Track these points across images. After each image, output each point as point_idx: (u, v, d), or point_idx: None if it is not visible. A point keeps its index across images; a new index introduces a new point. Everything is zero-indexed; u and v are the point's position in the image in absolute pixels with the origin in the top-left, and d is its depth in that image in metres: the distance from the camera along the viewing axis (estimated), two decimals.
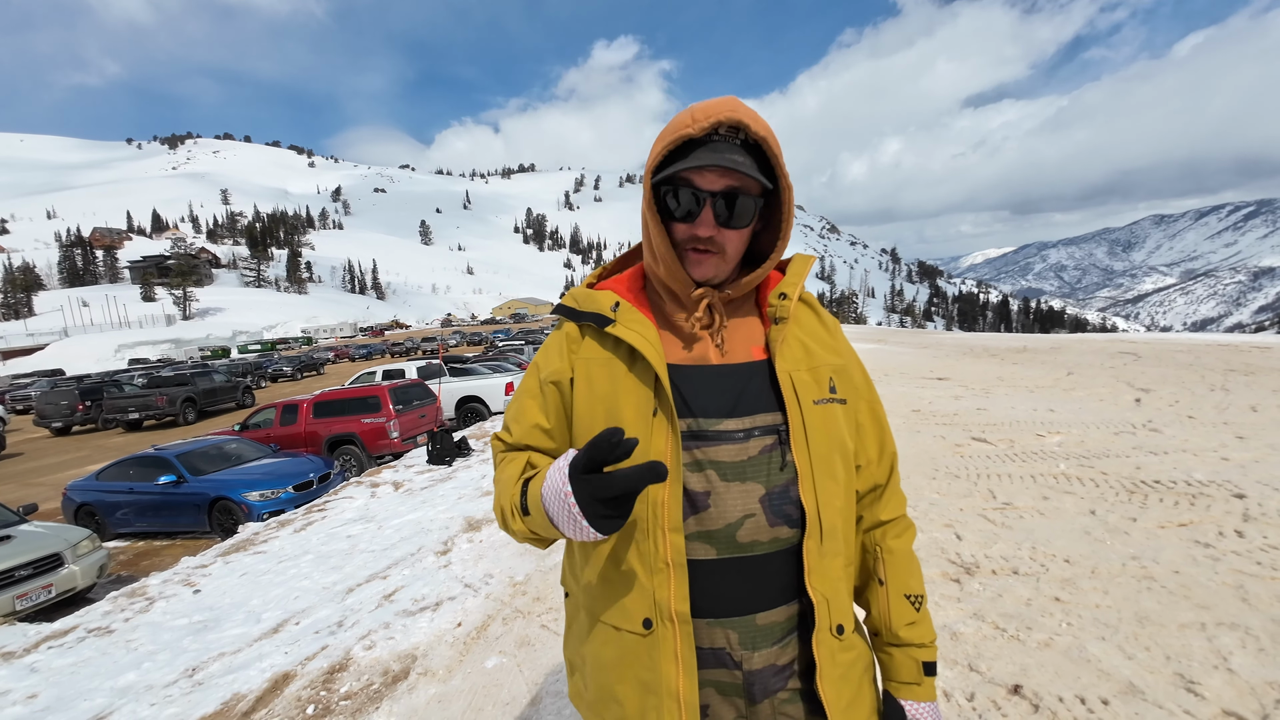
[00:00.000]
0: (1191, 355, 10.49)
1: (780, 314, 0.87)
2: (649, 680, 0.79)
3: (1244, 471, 4.20)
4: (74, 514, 7.64)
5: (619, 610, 0.83)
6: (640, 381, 0.83)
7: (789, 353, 0.87)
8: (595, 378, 0.87)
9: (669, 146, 0.78)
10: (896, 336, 24.95)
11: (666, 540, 0.78)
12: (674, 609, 0.78)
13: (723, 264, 0.84)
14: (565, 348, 0.91)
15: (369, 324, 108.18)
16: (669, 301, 0.90)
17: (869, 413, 0.94)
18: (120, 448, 14.26)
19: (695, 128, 0.76)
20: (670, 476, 0.78)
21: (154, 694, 3.05)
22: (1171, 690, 2.11)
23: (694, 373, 0.85)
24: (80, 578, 5.41)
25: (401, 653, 3.12)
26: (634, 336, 0.83)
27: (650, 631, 0.79)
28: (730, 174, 0.77)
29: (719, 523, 0.80)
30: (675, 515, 0.78)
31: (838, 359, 0.90)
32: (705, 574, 0.80)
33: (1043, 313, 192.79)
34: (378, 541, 5.10)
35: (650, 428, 0.80)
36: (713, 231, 0.80)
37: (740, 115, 0.76)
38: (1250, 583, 2.75)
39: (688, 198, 0.79)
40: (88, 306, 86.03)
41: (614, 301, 0.88)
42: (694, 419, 0.82)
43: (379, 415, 9.26)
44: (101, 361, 53.35)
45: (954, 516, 3.93)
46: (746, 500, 0.80)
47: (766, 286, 0.94)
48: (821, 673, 0.80)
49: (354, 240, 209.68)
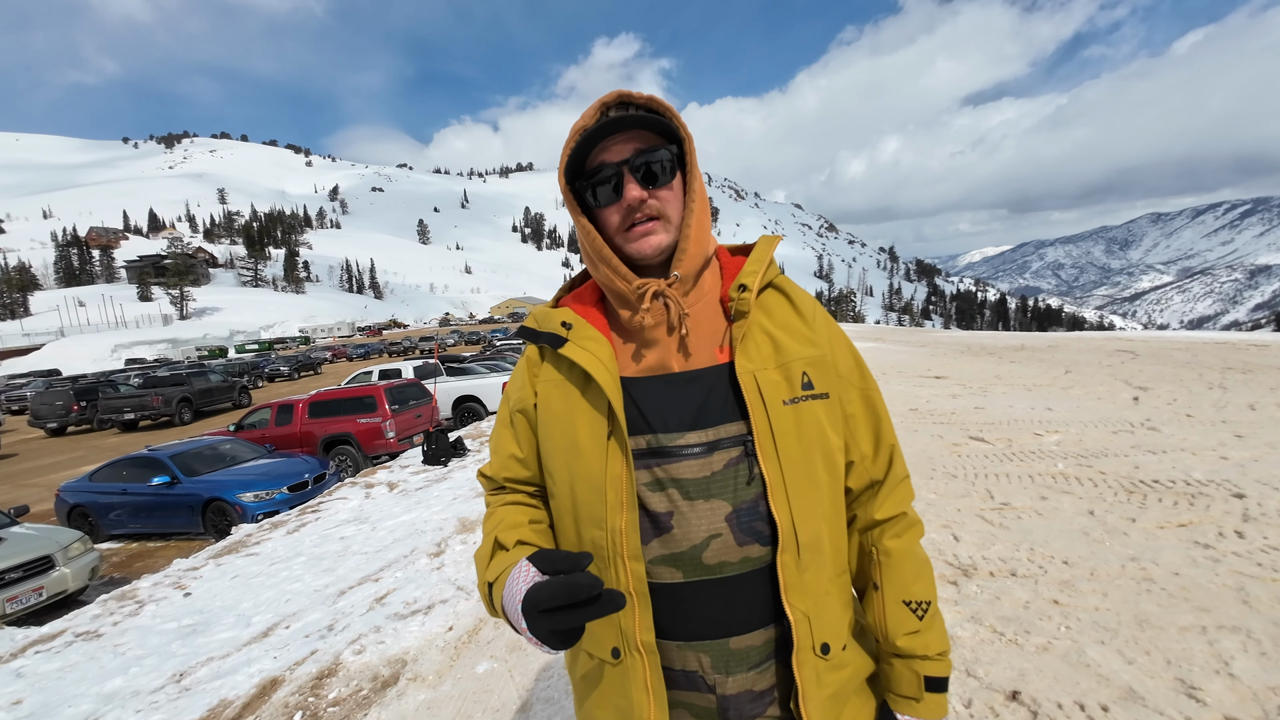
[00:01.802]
0: (1189, 353, 10.48)
1: (739, 308, 0.80)
2: (623, 707, 0.78)
3: (1243, 470, 4.17)
4: (67, 515, 7.59)
5: (590, 638, 0.81)
6: (593, 404, 0.80)
7: (753, 350, 0.80)
8: (554, 400, 0.84)
9: (572, 143, 0.78)
10: (894, 335, 24.93)
11: (627, 569, 0.75)
12: (639, 639, 0.75)
13: (669, 227, 0.80)
14: (527, 373, 0.90)
15: (367, 323, 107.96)
16: (621, 307, 0.84)
17: (861, 401, 0.86)
18: (116, 448, 14.19)
19: (587, 119, 0.78)
20: (627, 503, 0.75)
21: (140, 700, 3.01)
22: (1172, 695, 2.07)
23: (653, 384, 0.81)
24: (72, 580, 5.36)
25: (391, 657, 3.08)
26: (585, 357, 0.80)
27: (619, 661, 0.78)
28: (634, 135, 0.77)
29: (683, 544, 0.75)
30: (634, 543, 0.75)
31: (812, 350, 0.82)
32: (672, 598, 0.76)
33: (1040, 311, 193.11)
34: (371, 543, 5.06)
35: (605, 451, 0.77)
36: (642, 193, 0.77)
37: (622, 91, 0.79)
38: (1251, 584, 2.72)
39: (606, 176, 0.78)
40: (84, 306, 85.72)
41: (567, 320, 0.86)
42: (653, 435, 0.78)
43: (375, 415, 9.21)
44: (98, 361, 53.15)
45: (951, 517, 3.90)
46: (712, 519, 0.76)
47: (729, 280, 0.87)
48: (805, 695, 0.75)
49: (351, 240, 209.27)
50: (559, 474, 0.82)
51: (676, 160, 0.80)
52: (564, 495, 0.82)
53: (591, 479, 0.78)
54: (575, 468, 0.80)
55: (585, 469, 0.78)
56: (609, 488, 0.76)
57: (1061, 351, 12.49)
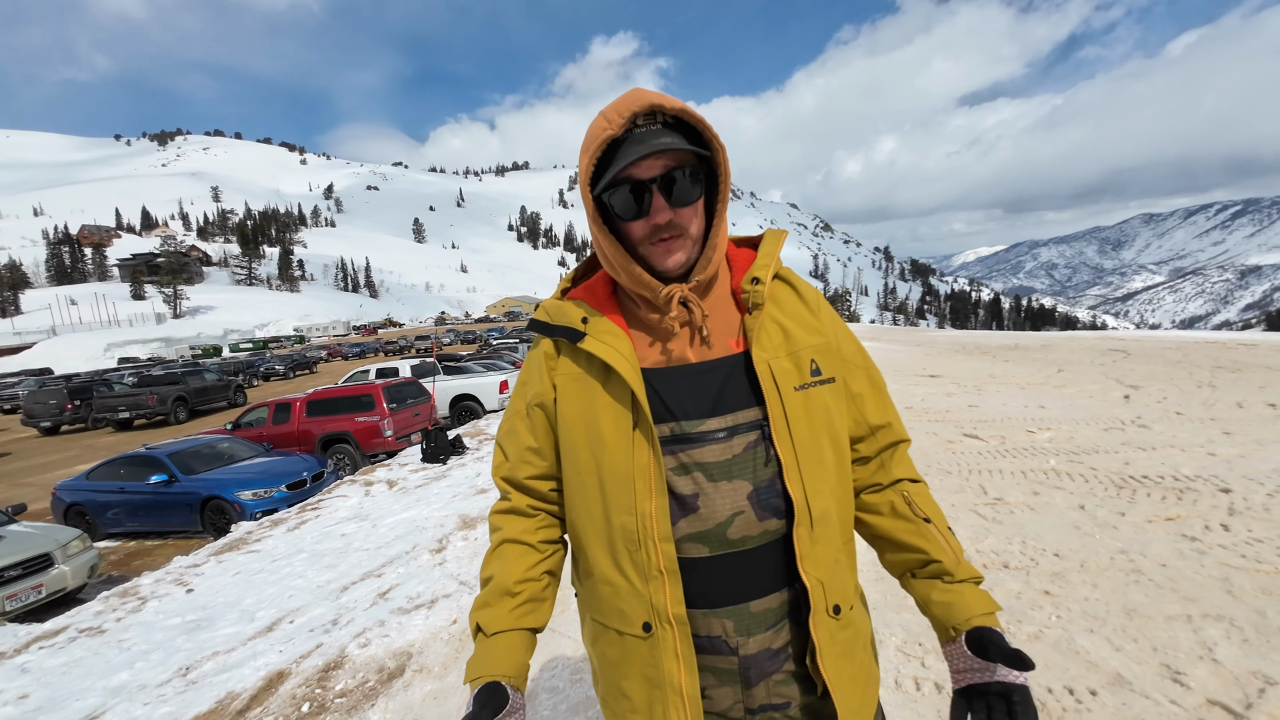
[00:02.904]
0: (1180, 352, 10.61)
1: (754, 300, 0.85)
2: (653, 676, 0.82)
3: (1230, 466, 4.26)
4: (64, 514, 7.58)
5: (619, 615, 0.84)
6: (616, 397, 0.83)
7: (766, 340, 0.85)
8: (574, 394, 0.87)
9: (596, 154, 0.78)
10: (889, 334, 25.07)
11: (658, 550, 0.80)
12: (671, 612, 0.80)
13: (690, 246, 0.83)
14: (544, 366, 0.91)
15: (362, 322, 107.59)
16: (641, 305, 0.88)
17: (866, 380, 0.93)
18: (110, 447, 14.13)
19: (615, 127, 0.76)
20: (655, 488, 0.80)
21: (147, 693, 3.04)
22: (1158, 681, 2.15)
23: (672, 375, 0.85)
24: (71, 578, 5.37)
25: (397, 650, 3.12)
26: (607, 351, 0.83)
27: (650, 634, 0.81)
28: (664, 155, 0.77)
29: (709, 523, 0.81)
30: (664, 526, 0.80)
31: (819, 338, 0.88)
32: (699, 571, 0.81)
33: (1034, 310, 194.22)
34: (372, 540, 5.09)
35: (631, 443, 0.81)
36: (670, 215, 0.79)
37: (650, 99, 0.76)
38: (1235, 575, 2.80)
39: (633, 194, 0.79)
40: (76, 305, 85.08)
41: (583, 314, 0.88)
42: (676, 423, 0.82)
43: (373, 414, 9.23)
44: (91, 360, 52.76)
45: (946, 512, 3.96)
46: (735, 498, 0.81)
47: (739, 273, 0.91)
48: (822, 652, 0.81)
49: (347, 238, 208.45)
50: (585, 466, 0.85)
51: (704, 175, 0.82)
52: (591, 486, 0.85)
53: (619, 470, 0.81)
54: (602, 460, 0.83)
55: (612, 461, 0.82)
56: (637, 477, 0.80)
57: (1054, 351, 12.61)
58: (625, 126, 0.77)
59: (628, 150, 0.76)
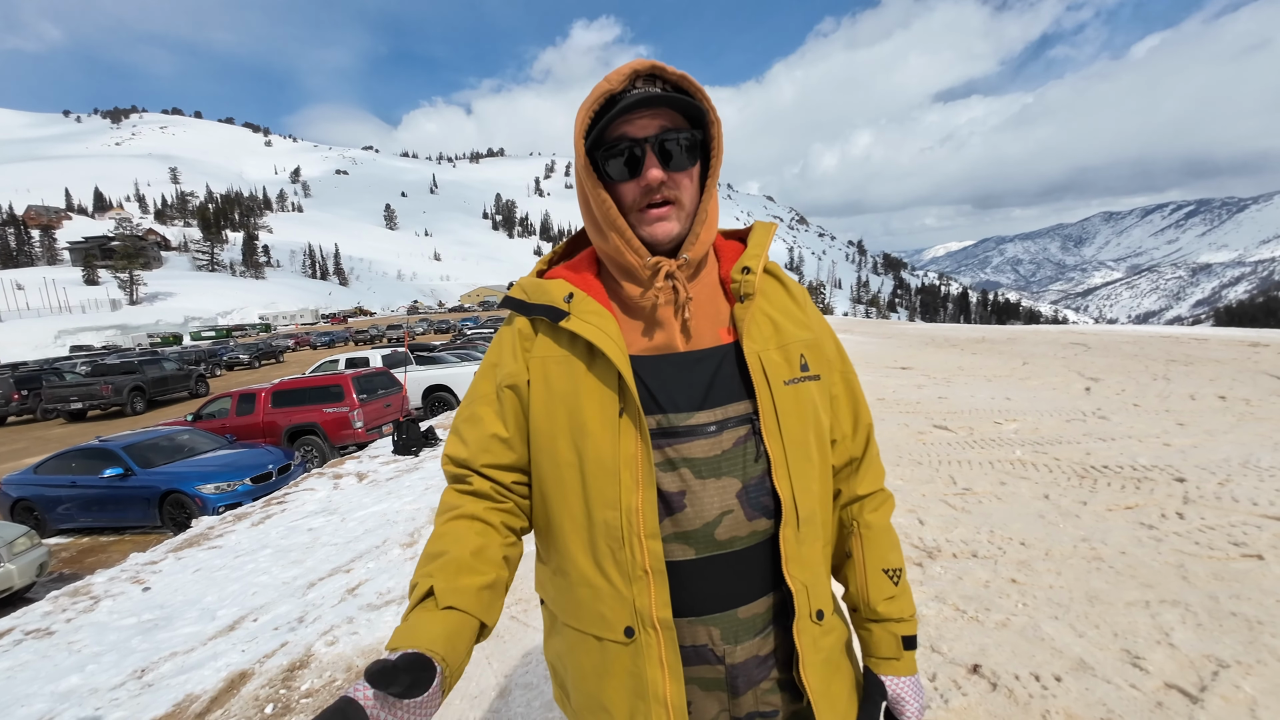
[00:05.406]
0: (1136, 346, 11.02)
1: (745, 290, 0.82)
2: (635, 687, 0.76)
3: (1184, 456, 4.43)
4: (10, 509, 7.24)
5: (599, 620, 0.78)
6: (602, 380, 0.78)
7: (757, 332, 0.82)
8: (553, 377, 0.81)
9: (594, 106, 0.75)
10: (862, 327, 25.51)
11: (644, 548, 0.74)
12: (655, 616, 0.75)
13: (682, 217, 0.79)
14: (518, 346, 0.84)
15: (331, 310, 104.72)
16: (626, 283, 0.82)
17: (842, 383, 0.90)
18: (61, 439, 13.51)
19: (614, 82, 0.74)
20: (643, 480, 0.75)
21: (99, 697, 2.91)
22: (1119, 665, 2.21)
23: (660, 363, 0.80)
24: (17, 576, 5.11)
25: (365, 648, 3.04)
26: (592, 330, 0.78)
27: (632, 640, 0.76)
28: (662, 113, 0.75)
29: (696, 523, 0.76)
30: (651, 522, 0.74)
31: (807, 333, 0.86)
32: (685, 575, 0.77)
33: (1000, 305, 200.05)
34: (341, 534, 4.96)
35: (617, 430, 0.76)
36: (663, 175, 0.76)
37: (654, 62, 0.74)
38: (1190, 561, 2.91)
39: (627, 150, 0.75)
40: (22, 290, 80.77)
41: (567, 292, 0.82)
42: (663, 415, 0.77)
43: (342, 404, 8.99)
44: (40, 349, 50.34)
45: (917, 502, 4.04)
46: (724, 496, 0.77)
47: (728, 262, 0.88)
48: (804, 660, 0.78)
49: (315, 224, 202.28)
50: (563, 457, 0.79)
51: (699, 145, 0.79)
52: (570, 479, 0.79)
53: (603, 460, 0.76)
54: (584, 449, 0.77)
55: (595, 450, 0.76)
56: (623, 468, 0.75)
57: (1019, 344, 12.98)
58: (625, 85, 0.74)
59: (625, 105, 0.73)
